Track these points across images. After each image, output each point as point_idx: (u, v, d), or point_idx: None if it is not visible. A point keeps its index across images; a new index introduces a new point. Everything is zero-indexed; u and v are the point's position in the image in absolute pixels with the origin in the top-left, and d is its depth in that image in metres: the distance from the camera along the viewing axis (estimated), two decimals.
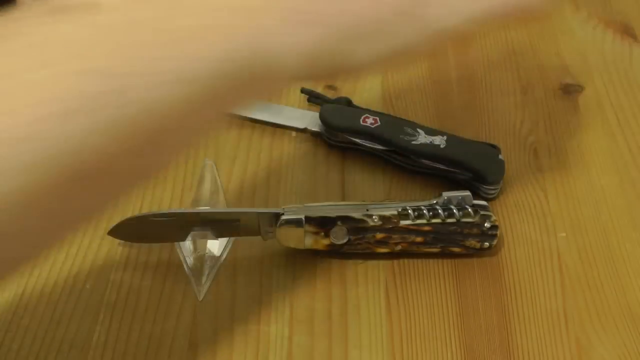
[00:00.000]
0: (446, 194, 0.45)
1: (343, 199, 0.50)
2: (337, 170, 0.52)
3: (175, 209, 0.49)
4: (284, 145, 0.53)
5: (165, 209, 0.49)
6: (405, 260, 0.46)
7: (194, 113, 0.31)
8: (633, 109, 0.56)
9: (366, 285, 0.45)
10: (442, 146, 0.50)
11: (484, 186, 0.49)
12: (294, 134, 0.54)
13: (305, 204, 0.46)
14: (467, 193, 0.45)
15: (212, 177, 0.51)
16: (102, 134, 0.28)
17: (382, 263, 0.46)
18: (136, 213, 0.48)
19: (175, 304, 0.44)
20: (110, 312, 0.44)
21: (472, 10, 0.38)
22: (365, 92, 0.58)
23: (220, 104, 0.32)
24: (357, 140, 0.51)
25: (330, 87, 0.58)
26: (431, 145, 0.50)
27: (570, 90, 0.58)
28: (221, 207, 0.49)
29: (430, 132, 0.51)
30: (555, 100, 0.57)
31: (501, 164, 0.49)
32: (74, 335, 0.43)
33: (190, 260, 0.46)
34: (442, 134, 0.51)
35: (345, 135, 0.52)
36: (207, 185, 0.50)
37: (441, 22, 0.37)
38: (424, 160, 0.50)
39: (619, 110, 0.56)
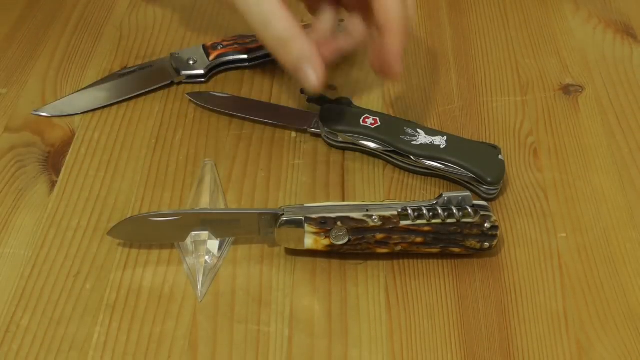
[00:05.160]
0: (446, 194, 0.45)
1: (343, 199, 0.50)
2: (337, 170, 0.52)
3: (175, 209, 0.49)
4: (284, 145, 0.53)
5: (165, 209, 0.49)
6: (405, 261, 0.46)
7: None
8: (633, 109, 0.56)
9: (366, 285, 0.45)
10: (442, 146, 0.50)
11: (484, 186, 0.49)
12: (293, 134, 0.54)
13: (305, 204, 0.46)
14: (467, 193, 0.45)
15: (212, 177, 0.51)
16: None
17: (382, 263, 0.46)
18: (136, 213, 0.48)
19: (175, 304, 0.44)
20: (110, 312, 0.44)
21: None
22: (366, 92, 0.58)
23: None
24: (357, 141, 0.51)
25: (330, 87, 0.58)
26: (431, 145, 0.50)
27: (570, 90, 0.58)
28: (221, 207, 0.49)
29: (430, 132, 0.51)
30: (555, 100, 0.57)
31: (501, 164, 0.49)
32: (74, 335, 0.43)
33: (190, 260, 0.46)
34: (442, 134, 0.51)
35: (346, 136, 0.52)
36: (207, 185, 0.50)
37: None
38: (424, 161, 0.50)
39: (619, 110, 0.56)
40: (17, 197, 0.50)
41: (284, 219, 0.44)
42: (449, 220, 0.44)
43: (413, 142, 0.50)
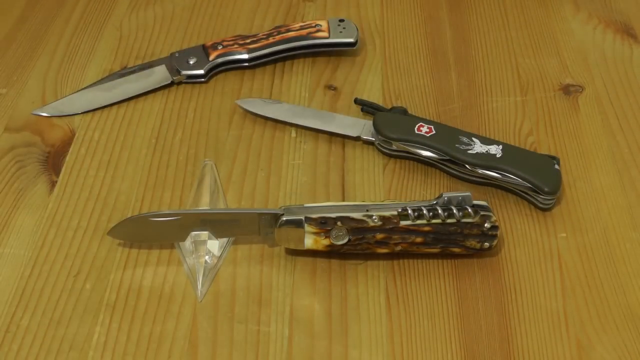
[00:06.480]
0: (446, 194, 0.45)
1: (343, 199, 0.50)
2: (337, 170, 0.52)
3: (175, 209, 0.49)
4: (284, 146, 0.53)
5: (165, 209, 0.49)
6: (405, 261, 0.46)
7: None
8: (633, 109, 0.56)
9: (366, 285, 0.45)
10: (498, 155, 0.49)
11: (541, 196, 0.48)
12: (293, 133, 0.54)
13: (305, 204, 0.46)
14: (467, 193, 0.45)
15: (212, 177, 0.51)
16: None
17: (382, 263, 0.46)
18: (136, 213, 0.48)
19: (175, 304, 0.44)
20: (110, 312, 0.44)
21: None
22: (366, 92, 0.58)
23: None
24: (412, 149, 0.51)
25: (330, 87, 0.58)
26: (487, 154, 0.49)
27: (570, 90, 0.58)
28: (221, 207, 0.49)
29: (485, 141, 0.50)
30: (555, 100, 0.57)
31: (557, 174, 0.49)
32: (74, 335, 0.43)
33: (190, 260, 0.46)
34: (497, 143, 0.50)
35: (400, 144, 0.51)
36: (207, 185, 0.50)
37: None
38: (479, 170, 0.49)
39: (619, 110, 0.56)
40: (17, 197, 0.50)
41: (284, 219, 0.44)
42: (449, 220, 0.44)
43: (469, 151, 0.49)
